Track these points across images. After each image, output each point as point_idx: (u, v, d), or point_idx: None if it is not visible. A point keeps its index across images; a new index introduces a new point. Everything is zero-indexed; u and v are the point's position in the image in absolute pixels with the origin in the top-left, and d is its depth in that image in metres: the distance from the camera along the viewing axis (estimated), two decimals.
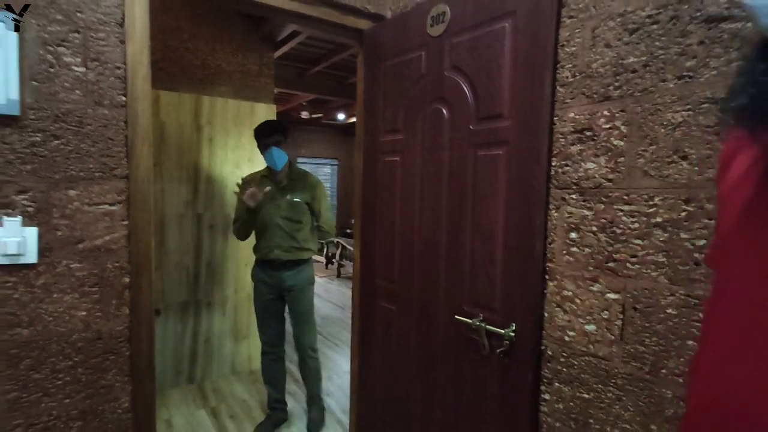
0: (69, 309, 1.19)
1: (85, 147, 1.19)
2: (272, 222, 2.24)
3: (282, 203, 2.25)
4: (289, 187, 2.29)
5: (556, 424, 1.18)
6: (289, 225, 2.25)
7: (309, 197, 2.30)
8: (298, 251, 2.27)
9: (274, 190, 2.26)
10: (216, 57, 3.01)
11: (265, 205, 2.24)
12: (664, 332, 0.96)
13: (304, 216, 2.30)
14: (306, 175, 2.39)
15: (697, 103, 0.90)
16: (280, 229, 2.24)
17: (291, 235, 2.25)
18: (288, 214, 2.25)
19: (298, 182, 2.32)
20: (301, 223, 2.28)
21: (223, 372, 3.09)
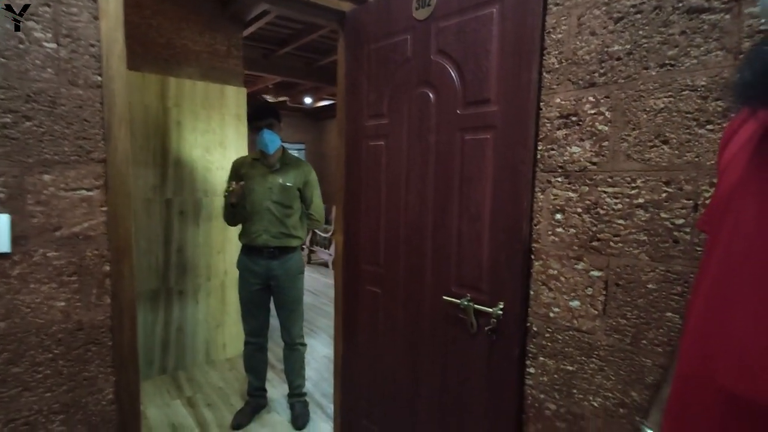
0: (47, 299, 1.13)
1: (59, 129, 1.12)
2: (262, 206, 2.20)
3: (274, 187, 2.21)
4: (282, 171, 2.25)
5: (541, 396, 1.24)
6: (280, 210, 2.21)
7: (301, 183, 2.27)
8: (286, 238, 2.24)
9: (265, 173, 2.21)
10: (182, 36, 2.87)
11: (256, 187, 2.19)
12: (644, 306, 1.02)
13: (295, 202, 2.26)
14: (299, 161, 2.35)
15: (677, 90, 0.95)
16: (270, 214, 2.20)
17: (281, 221, 2.21)
18: (279, 198, 2.21)
19: (290, 167, 2.28)
20: (292, 208, 2.25)
21: (197, 361, 3.03)
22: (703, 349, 0.58)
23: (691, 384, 0.60)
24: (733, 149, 0.61)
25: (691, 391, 0.59)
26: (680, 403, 0.62)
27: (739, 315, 0.53)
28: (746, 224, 0.54)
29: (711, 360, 0.56)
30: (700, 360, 0.58)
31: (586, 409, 1.14)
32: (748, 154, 0.56)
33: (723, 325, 0.55)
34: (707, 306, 0.59)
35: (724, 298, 0.56)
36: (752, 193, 0.54)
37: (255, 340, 2.35)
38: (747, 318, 0.52)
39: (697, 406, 0.58)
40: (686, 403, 0.60)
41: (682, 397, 0.61)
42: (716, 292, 0.57)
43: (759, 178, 0.54)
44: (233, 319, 3.16)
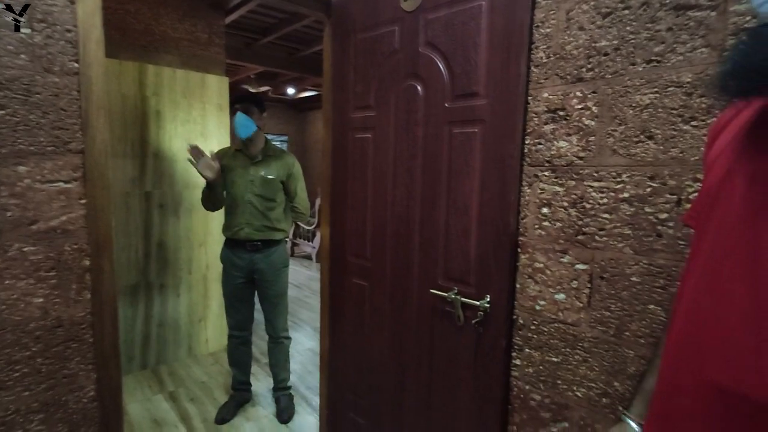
0: (24, 296, 1.09)
1: (34, 118, 1.07)
2: (244, 199, 2.16)
3: (256, 179, 2.17)
4: (264, 163, 2.20)
5: (526, 387, 1.26)
6: (262, 203, 2.18)
7: (285, 175, 2.23)
8: (269, 231, 2.21)
9: (247, 165, 2.17)
10: (161, 22, 2.79)
11: (237, 179, 2.15)
12: (628, 298, 1.05)
13: (278, 194, 2.23)
14: (282, 153, 2.31)
15: (663, 86, 0.97)
16: (251, 207, 2.16)
17: (263, 214, 2.18)
18: (261, 191, 2.17)
19: (273, 159, 2.24)
20: (275, 201, 2.22)
21: (179, 356, 2.99)
22: (690, 342, 0.59)
23: (678, 377, 0.61)
24: (722, 143, 0.62)
25: (678, 384, 0.60)
26: (667, 396, 0.63)
27: (726, 308, 0.54)
28: (733, 215, 0.55)
29: (698, 353, 0.57)
30: (687, 353, 0.59)
31: (570, 399, 1.17)
32: (739, 144, 0.57)
33: (710, 318, 0.56)
34: (694, 299, 0.60)
35: (711, 291, 0.57)
36: (740, 182, 0.55)
37: (239, 333, 2.33)
38: (734, 311, 0.53)
39: (683, 399, 0.59)
40: (673, 396, 0.61)
41: (668, 390, 0.63)
42: (703, 284, 0.58)
43: (747, 167, 0.54)
44: (216, 313, 3.12)
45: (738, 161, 0.57)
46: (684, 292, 0.64)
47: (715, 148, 0.64)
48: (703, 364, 0.56)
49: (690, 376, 0.58)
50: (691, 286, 0.62)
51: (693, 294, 0.61)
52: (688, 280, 0.63)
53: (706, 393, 0.55)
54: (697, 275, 0.61)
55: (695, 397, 0.57)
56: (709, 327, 0.56)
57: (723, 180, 0.58)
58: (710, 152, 0.65)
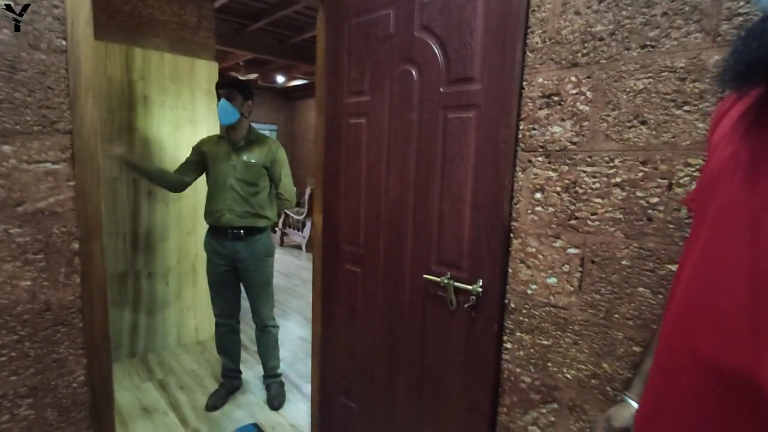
0: (10, 279, 1.07)
1: (20, 96, 1.04)
2: (225, 183, 2.13)
3: (238, 164, 2.14)
4: (246, 148, 2.18)
5: (517, 370, 1.28)
6: (244, 188, 2.15)
7: (268, 161, 2.20)
8: (252, 217, 2.18)
9: (229, 151, 2.15)
10: (147, 4, 2.72)
11: (218, 164, 2.13)
12: (618, 281, 1.06)
13: (261, 179, 2.20)
14: (266, 139, 2.28)
15: (657, 71, 0.98)
16: (233, 191, 2.13)
17: (245, 199, 2.15)
18: (243, 176, 2.15)
19: (255, 144, 2.21)
20: (257, 186, 2.19)
21: (168, 344, 2.97)
22: (688, 321, 0.60)
23: (674, 356, 0.62)
24: (724, 128, 0.62)
25: (675, 362, 0.62)
26: (663, 374, 0.64)
27: (723, 290, 0.55)
28: (732, 199, 0.56)
29: (695, 332, 0.58)
30: (684, 332, 0.60)
31: (560, 381, 1.19)
32: (740, 129, 0.58)
33: (707, 299, 0.57)
34: (693, 279, 0.61)
35: (709, 272, 0.58)
36: (740, 166, 0.56)
37: (225, 321, 2.32)
38: (731, 292, 0.54)
39: (678, 377, 0.60)
40: (668, 374, 0.63)
41: (665, 368, 0.64)
42: (702, 267, 0.59)
43: (748, 152, 0.55)
44: (205, 301, 3.09)
45: (739, 146, 0.58)
46: (682, 274, 0.65)
47: (718, 132, 0.64)
48: (698, 343, 0.57)
49: (685, 356, 0.59)
50: (689, 268, 0.63)
51: (691, 276, 0.62)
52: (686, 263, 0.64)
53: (700, 372, 0.56)
54: (695, 257, 0.62)
55: (690, 376, 0.58)
56: (706, 308, 0.57)
57: (724, 164, 0.59)
58: (713, 137, 0.66)
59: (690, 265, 0.63)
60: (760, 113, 0.56)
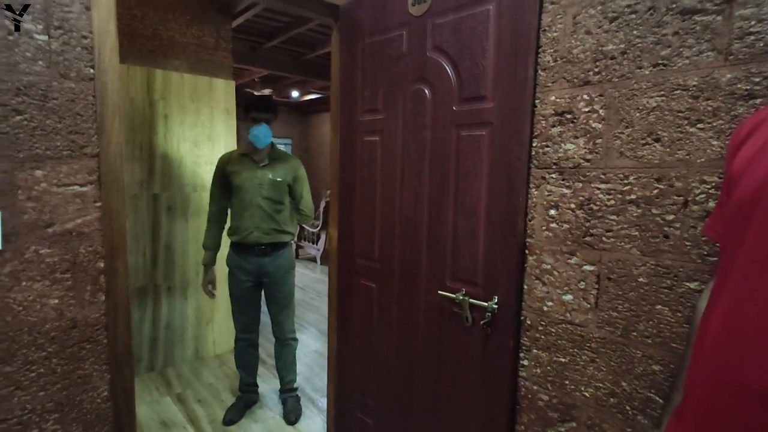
0: (40, 297, 1.12)
1: (51, 123, 1.10)
2: (253, 202, 2.17)
3: (264, 182, 2.19)
4: (270, 166, 2.23)
5: (534, 387, 1.27)
6: (271, 206, 2.20)
7: (291, 178, 2.26)
8: (278, 234, 2.23)
9: (254, 169, 2.20)
10: (168, 27, 2.82)
11: (245, 184, 2.17)
12: (635, 299, 1.06)
13: (285, 197, 2.26)
14: (288, 156, 2.34)
15: (670, 89, 0.98)
16: (261, 210, 2.18)
17: (271, 217, 2.20)
18: (270, 194, 2.19)
19: (279, 162, 2.26)
20: (283, 204, 2.24)
21: (186, 358, 3.01)
22: (734, 353, 0.58)
23: (719, 390, 0.60)
24: (749, 152, 0.60)
25: (720, 397, 0.60)
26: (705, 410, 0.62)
27: None
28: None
29: (744, 364, 0.56)
30: (730, 365, 0.58)
31: (578, 399, 1.18)
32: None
33: (755, 327, 0.55)
34: (734, 310, 0.59)
35: (755, 300, 0.56)
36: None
37: (246, 336, 2.35)
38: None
39: (727, 410, 0.58)
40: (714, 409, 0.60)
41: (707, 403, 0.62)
42: (745, 295, 0.57)
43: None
44: (223, 315, 3.14)
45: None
46: (718, 303, 0.63)
47: (741, 157, 0.63)
48: (747, 372, 0.56)
49: (732, 385, 0.58)
50: (728, 297, 0.61)
51: (732, 305, 0.60)
52: (724, 292, 0.62)
53: (750, 400, 0.55)
54: (735, 286, 0.60)
55: (739, 409, 0.57)
56: (754, 336, 0.56)
57: (759, 190, 0.58)
58: (735, 161, 0.64)
59: (728, 294, 0.61)
60: None
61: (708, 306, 0.68)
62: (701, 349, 0.66)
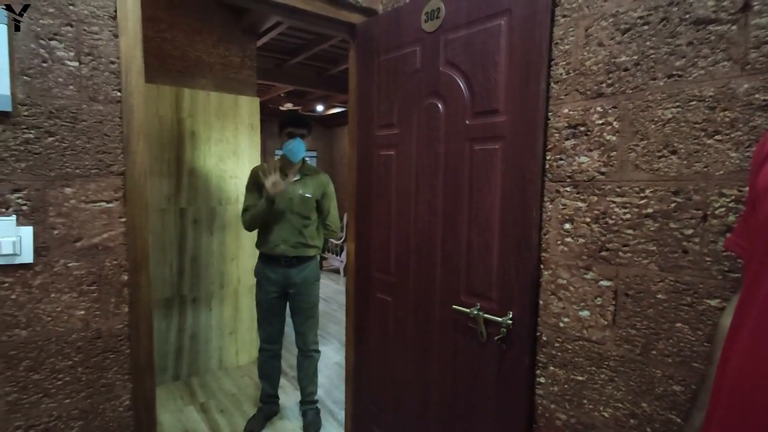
0: (67, 308, 1.17)
1: (80, 143, 1.16)
2: (283, 216, 2.23)
3: (295, 197, 2.24)
4: (301, 182, 2.28)
5: (551, 406, 1.24)
6: (299, 221, 2.25)
7: (320, 194, 2.31)
8: (304, 248, 2.27)
9: (287, 183, 2.25)
10: (196, 48, 2.94)
11: (276, 197, 2.22)
12: (654, 316, 1.02)
13: (313, 213, 2.30)
14: (318, 172, 2.39)
15: (685, 100, 0.96)
16: (289, 224, 2.23)
17: (299, 231, 2.25)
18: (299, 209, 2.25)
19: (309, 178, 2.32)
20: (310, 219, 2.29)
21: (210, 368, 3.07)
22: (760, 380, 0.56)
23: (745, 411, 0.58)
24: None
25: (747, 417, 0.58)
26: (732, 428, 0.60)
27: None
28: None
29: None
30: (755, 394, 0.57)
31: (597, 420, 1.14)
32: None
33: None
34: (761, 334, 0.57)
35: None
36: None
37: (270, 347, 2.38)
38: None
39: None
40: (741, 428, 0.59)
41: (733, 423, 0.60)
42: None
43: None
44: (246, 326, 3.19)
45: None
46: (744, 324, 0.61)
47: (766, 173, 0.61)
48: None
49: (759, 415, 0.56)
50: (755, 318, 0.59)
51: (758, 330, 0.58)
52: (751, 311, 0.60)
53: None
54: (762, 308, 0.58)
55: None
56: None
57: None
58: (760, 176, 0.62)
59: (756, 317, 0.59)
60: None
61: (733, 325, 0.65)
62: (726, 372, 0.63)
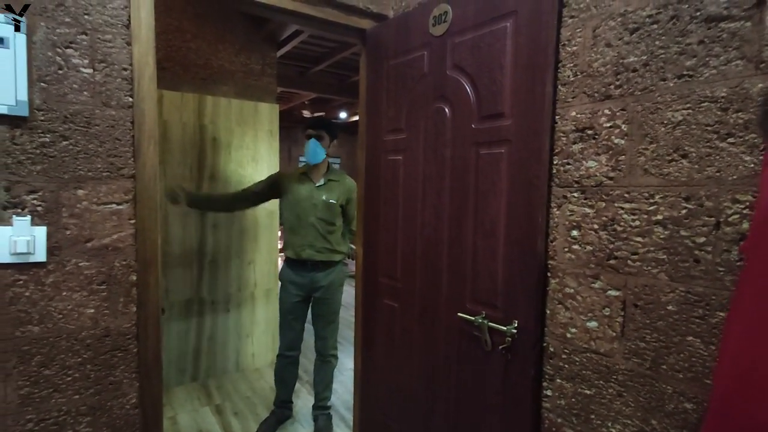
0: (78, 306, 1.21)
1: (93, 147, 1.20)
2: (307, 221, 2.25)
3: (319, 203, 2.25)
4: (326, 187, 2.29)
5: (558, 420, 1.19)
6: (324, 226, 2.26)
7: (344, 200, 2.30)
8: (330, 253, 2.28)
9: (311, 188, 2.27)
10: (219, 57, 3.02)
11: (302, 202, 2.25)
12: (664, 329, 0.97)
13: (338, 218, 2.30)
14: (344, 178, 2.39)
15: (696, 102, 0.91)
16: (314, 229, 2.25)
17: (324, 237, 2.26)
18: (323, 215, 2.26)
19: (335, 183, 2.32)
20: (335, 225, 2.29)
21: (227, 369, 3.11)
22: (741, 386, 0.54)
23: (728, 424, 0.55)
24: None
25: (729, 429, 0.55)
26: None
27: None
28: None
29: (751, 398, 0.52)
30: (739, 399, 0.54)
31: None
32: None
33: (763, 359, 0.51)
34: (745, 336, 0.55)
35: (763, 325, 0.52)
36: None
37: (289, 353, 2.38)
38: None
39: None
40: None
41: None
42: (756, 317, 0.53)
43: None
44: (262, 329, 3.23)
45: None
46: (732, 330, 0.59)
47: None
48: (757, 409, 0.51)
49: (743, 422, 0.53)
50: (740, 323, 0.56)
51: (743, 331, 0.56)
52: (736, 318, 0.58)
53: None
54: (746, 309, 0.56)
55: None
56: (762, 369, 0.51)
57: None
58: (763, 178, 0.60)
59: (741, 318, 0.56)
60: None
61: (724, 330, 0.62)
62: (714, 380, 0.61)
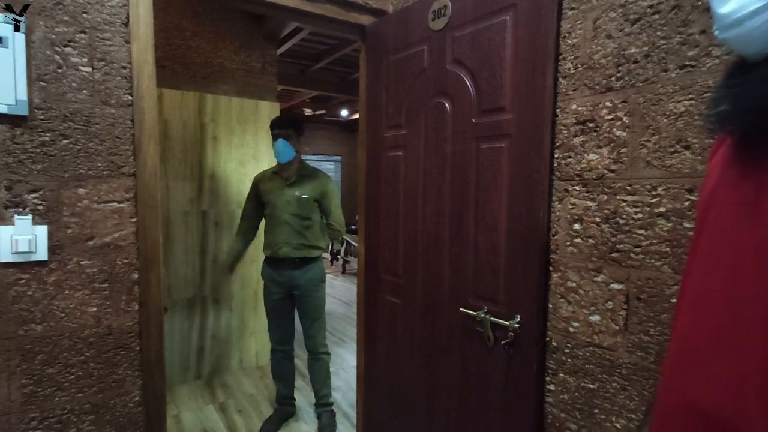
0: (80, 305, 1.21)
1: (93, 146, 1.20)
2: (281, 218, 2.25)
3: (291, 200, 2.25)
4: (298, 183, 2.29)
5: (562, 415, 1.19)
6: (298, 222, 2.26)
7: (318, 194, 2.30)
8: (307, 249, 2.28)
9: (282, 186, 2.27)
10: (219, 55, 3.02)
11: (276, 201, 2.26)
12: (668, 322, 0.96)
13: (314, 213, 2.30)
14: (316, 172, 2.38)
15: (699, 92, 0.90)
16: (288, 226, 2.25)
17: (300, 233, 2.26)
18: (297, 210, 2.25)
19: (307, 179, 2.31)
20: (311, 220, 2.29)
21: (230, 367, 3.12)
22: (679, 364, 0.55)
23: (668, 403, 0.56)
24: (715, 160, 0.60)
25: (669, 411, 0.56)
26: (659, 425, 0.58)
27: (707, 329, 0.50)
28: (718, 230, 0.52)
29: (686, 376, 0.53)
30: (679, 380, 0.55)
31: (609, 431, 1.08)
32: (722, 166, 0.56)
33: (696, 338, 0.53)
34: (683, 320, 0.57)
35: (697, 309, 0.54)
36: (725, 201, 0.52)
37: (281, 348, 2.39)
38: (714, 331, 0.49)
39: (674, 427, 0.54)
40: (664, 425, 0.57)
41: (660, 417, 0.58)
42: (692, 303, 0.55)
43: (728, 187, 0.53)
44: (264, 327, 3.20)
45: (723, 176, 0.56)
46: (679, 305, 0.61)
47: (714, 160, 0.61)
48: (690, 388, 0.52)
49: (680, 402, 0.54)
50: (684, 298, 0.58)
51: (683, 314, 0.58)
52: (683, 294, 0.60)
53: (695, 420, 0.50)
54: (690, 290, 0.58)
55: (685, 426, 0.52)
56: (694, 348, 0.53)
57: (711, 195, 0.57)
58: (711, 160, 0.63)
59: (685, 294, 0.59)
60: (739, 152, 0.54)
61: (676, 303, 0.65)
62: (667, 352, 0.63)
